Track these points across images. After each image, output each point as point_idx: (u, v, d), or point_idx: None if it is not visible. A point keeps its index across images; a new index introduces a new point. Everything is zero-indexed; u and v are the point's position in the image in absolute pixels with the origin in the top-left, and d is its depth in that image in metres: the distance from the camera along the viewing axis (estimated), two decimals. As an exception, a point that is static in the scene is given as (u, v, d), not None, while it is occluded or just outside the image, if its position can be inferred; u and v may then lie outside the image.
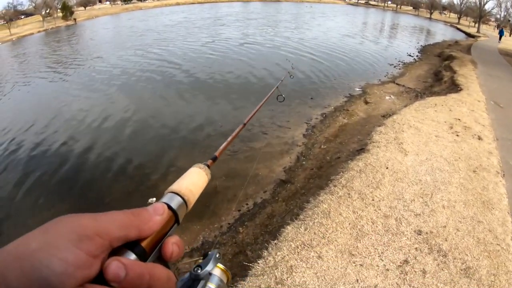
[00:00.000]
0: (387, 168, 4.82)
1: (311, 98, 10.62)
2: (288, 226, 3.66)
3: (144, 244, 0.43)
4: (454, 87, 10.72)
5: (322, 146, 7.03)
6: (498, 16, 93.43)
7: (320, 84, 12.68)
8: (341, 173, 4.70)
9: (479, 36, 47.94)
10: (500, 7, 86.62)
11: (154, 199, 5.53)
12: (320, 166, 6.07)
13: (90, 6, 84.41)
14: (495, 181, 5.03)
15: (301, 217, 3.79)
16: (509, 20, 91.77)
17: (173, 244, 0.46)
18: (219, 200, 6.01)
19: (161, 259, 0.46)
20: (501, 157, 5.97)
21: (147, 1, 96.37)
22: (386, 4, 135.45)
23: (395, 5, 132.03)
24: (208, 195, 5.97)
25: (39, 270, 0.33)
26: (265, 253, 3.32)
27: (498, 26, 75.01)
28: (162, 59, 18.20)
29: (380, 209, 3.89)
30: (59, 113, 11.08)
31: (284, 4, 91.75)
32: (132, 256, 0.42)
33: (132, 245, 0.43)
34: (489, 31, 76.64)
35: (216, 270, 0.58)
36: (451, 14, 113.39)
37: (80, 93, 13.15)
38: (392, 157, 5.17)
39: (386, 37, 33.86)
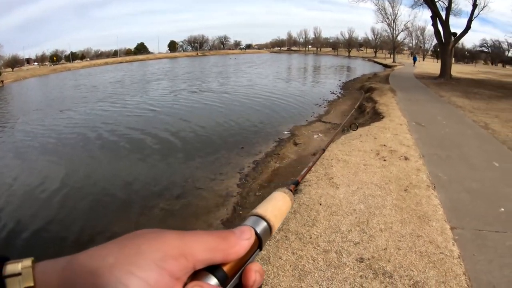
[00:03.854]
0: (320, 204, 4.97)
1: (242, 148, 10.80)
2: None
3: (226, 268, 0.42)
4: (377, 116, 11.39)
5: (257, 193, 7.10)
6: (411, 45, 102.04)
7: (249, 132, 13.01)
8: (277, 218, 4.77)
9: (396, 65, 51.64)
10: (411, 36, 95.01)
11: None
12: (257, 214, 6.12)
13: (18, 67, 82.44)
14: (427, 195, 5.33)
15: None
16: (421, 47, 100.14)
17: (255, 272, 0.44)
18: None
19: (240, 287, 0.44)
20: (429, 172, 6.36)
21: (75, 62, 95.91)
22: (307, 49, 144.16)
23: (315, 48, 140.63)
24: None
25: None
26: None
27: (411, 54, 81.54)
28: (111, 118, 17.64)
29: (319, 245, 3.98)
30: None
31: (211, 57, 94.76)
32: (213, 281, 0.40)
33: (213, 268, 0.41)
34: (404, 59, 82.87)
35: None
36: (368, 49, 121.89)
37: (13, 159, 12.29)
38: (324, 192, 5.34)
39: (309, 79, 35.85)
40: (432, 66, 47.64)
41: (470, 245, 4.10)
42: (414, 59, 58.53)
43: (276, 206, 0.59)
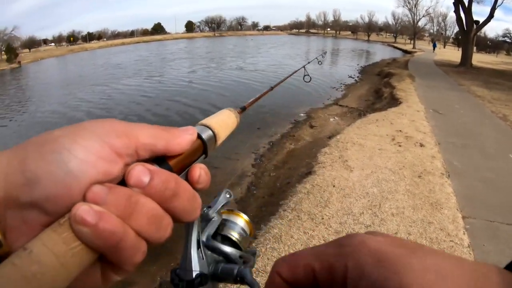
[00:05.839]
0: (334, 186, 5.02)
1: (258, 128, 10.80)
2: (241, 257, 3.70)
3: (171, 163, 0.42)
4: (394, 102, 11.31)
5: (271, 174, 7.15)
6: (432, 31, 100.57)
7: (265, 113, 12.96)
8: (290, 197, 4.84)
9: (415, 52, 50.81)
10: (433, 22, 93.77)
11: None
12: (271, 193, 6.16)
13: (35, 48, 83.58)
14: (441, 183, 5.35)
15: (253, 245, 3.86)
16: (442, 34, 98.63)
17: (200, 169, 0.45)
18: (173, 239, 5.93)
19: None
20: (444, 160, 6.35)
21: (92, 42, 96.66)
22: (326, 31, 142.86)
23: (334, 31, 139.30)
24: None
25: (59, 153, 0.34)
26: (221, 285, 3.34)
27: (432, 40, 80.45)
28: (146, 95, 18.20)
29: (331, 226, 4.05)
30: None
31: (228, 38, 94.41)
32: None
33: (158, 161, 0.41)
34: (424, 45, 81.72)
35: (239, 220, 0.57)
36: (388, 34, 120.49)
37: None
38: (338, 175, 5.39)
39: (328, 62, 35.27)
40: (452, 54, 46.90)
41: (481, 235, 4.14)
42: (434, 46, 57.99)
43: (221, 118, 0.58)
